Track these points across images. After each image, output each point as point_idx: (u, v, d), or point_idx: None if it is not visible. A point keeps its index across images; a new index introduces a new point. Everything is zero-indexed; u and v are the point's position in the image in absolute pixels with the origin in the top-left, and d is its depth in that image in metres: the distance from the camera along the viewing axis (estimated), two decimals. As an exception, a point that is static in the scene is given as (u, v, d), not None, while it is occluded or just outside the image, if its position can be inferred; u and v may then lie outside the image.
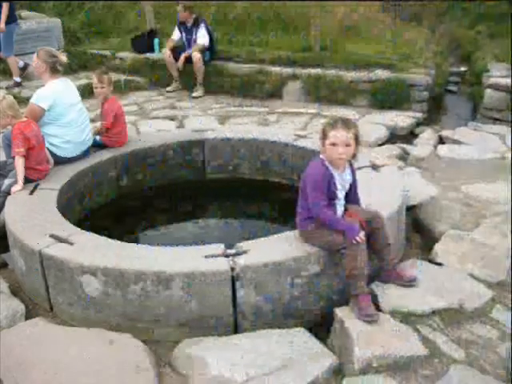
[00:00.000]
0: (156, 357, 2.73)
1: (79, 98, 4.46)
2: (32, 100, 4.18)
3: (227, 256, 2.87)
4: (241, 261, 2.82)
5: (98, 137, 4.60)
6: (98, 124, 4.75)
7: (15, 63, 8.23)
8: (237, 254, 2.87)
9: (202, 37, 8.07)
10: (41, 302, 3.22)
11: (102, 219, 4.26)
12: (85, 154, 4.41)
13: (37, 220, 3.34)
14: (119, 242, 3.12)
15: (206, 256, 2.87)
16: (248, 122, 6.69)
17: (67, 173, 4.11)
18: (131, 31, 10.01)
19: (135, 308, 2.85)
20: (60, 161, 4.21)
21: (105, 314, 2.92)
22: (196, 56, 7.91)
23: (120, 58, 9.17)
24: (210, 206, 4.79)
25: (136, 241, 4.02)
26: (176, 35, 8.34)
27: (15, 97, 4.27)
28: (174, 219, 4.52)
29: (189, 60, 8.02)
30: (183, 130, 5.86)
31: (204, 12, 9.50)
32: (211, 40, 8.21)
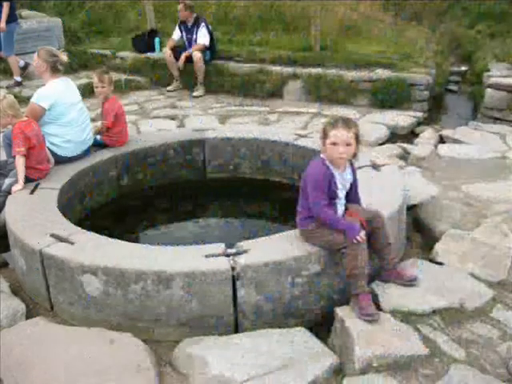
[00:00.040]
0: (156, 356, 2.73)
1: (80, 98, 4.47)
2: (32, 99, 4.18)
3: (228, 255, 2.87)
4: (241, 260, 2.82)
5: (99, 136, 4.60)
6: (99, 123, 4.74)
7: (16, 62, 8.22)
8: (237, 254, 2.87)
9: (203, 36, 8.07)
10: (41, 302, 3.22)
11: (103, 219, 4.26)
12: (85, 154, 4.41)
13: (37, 219, 3.34)
14: (120, 242, 3.12)
15: (207, 255, 2.87)
16: (248, 122, 6.69)
17: (68, 172, 4.11)
18: (132, 30, 10.02)
19: (136, 307, 2.85)
20: (60, 160, 4.21)
21: (105, 314, 2.92)
22: (196, 55, 7.91)
23: (120, 58, 9.18)
24: (211, 206, 4.78)
25: (136, 240, 4.02)
26: (176, 34, 8.34)
27: (16, 96, 4.27)
28: (175, 219, 4.52)
29: (189, 59, 8.02)
30: (184, 130, 5.86)
31: (204, 11, 9.52)
32: (212, 39, 8.21)
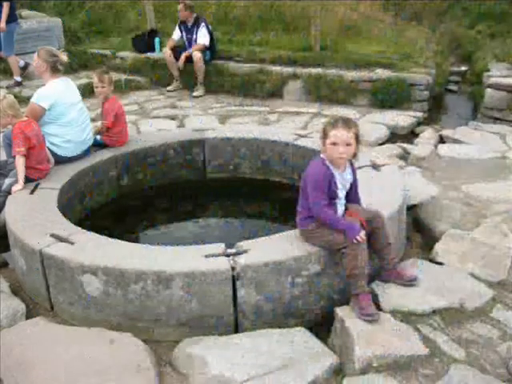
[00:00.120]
0: (156, 356, 2.73)
1: (80, 98, 4.47)
2: (32, 99, 4.18)
3: (228, 255, 2.87)
4: (241, 260, 2.82)
5: (99, 136, 4.60)
6: (99, 123, 4.74)
7: (16, 62, 8.22)
8: (237, 254, 2.87)
9: (203, 36, 8.07)
10: (41, 302, 3.22)
11: (103, 219, 4.26)
12: (85, 154, 4.41)
13: (37, 219, 3.34)
14: (120, 242, 3.12)
15: (207, 255, 2.87)
16: (248, 122, 6.69)
17: (68, 172, 4.11)
18: (132, 30, 10.02)
19: (136, 307, 2.85)
20: (60, 160, 4.21)
21: (105, 314, 2.92)
22: (196, 55, 7.91)
23: (120, 58, 9.18)
24: (211, 206, 4.78)
25: (136, 240, 4.02)
26: (176, 34, 8.34)
27: (16, 96, 4.27)
28: (175, 219, 4.52)
29: (189, 59, 8.01)
30: (184, 130, 5.86)
31: (204, 11, 9.52)
32: (212, 39, 8.21)
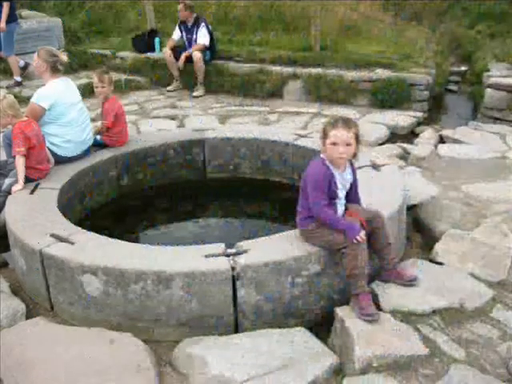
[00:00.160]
0: (156, 356, 2.73)
1: (80, 98, 4.47)
2: (32, 99, 4.18)
3: (228, 255, 2.87)
4: (241, 260, 2.82)
5: (99, 136, 4.60)
6: (99, 123, 4.75)
7: (16, 62, 8.22)
8: (237, 254, 2.87)
9: (203, 36, 8.07)
10: (41, 302, 3.22)
11: (103, 219, 4.26)
12: (85, 154, 4.41)
13: (37, 219, 3.34)
14: (120, 242, 3.12)
15: (207, 255, 2.87)
16: (248, 122, 6.69)
17: (68, 172, 4.11)
18: (132, 30, 10.01)
19: (136, 307, 2.85)
20: (60, 160, 4.21)
21: (105, 314, 2.92)
22: (196, 55, 7.91)
23: (120, 58, 9.18)
24: (211, 206, 4.78)
25: (136, 240, 4.02)
26: (176, 34, 8.34)
27: (16, 96, 4.27)
28: (175, 219, 4.52)
29: (189, 59, 8.01)
30: (184, 130, 5.86)
31: (204, 11, 9.52)
32: (212, 39, 8.21)
